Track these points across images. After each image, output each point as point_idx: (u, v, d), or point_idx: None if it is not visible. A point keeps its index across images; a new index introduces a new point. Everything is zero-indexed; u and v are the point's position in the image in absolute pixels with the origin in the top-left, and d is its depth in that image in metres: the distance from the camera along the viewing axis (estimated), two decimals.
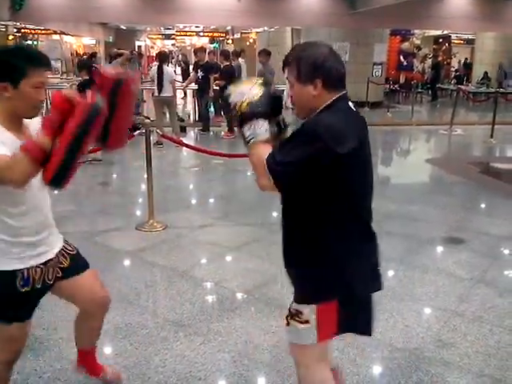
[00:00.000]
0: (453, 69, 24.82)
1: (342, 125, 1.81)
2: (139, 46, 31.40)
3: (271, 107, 1.88)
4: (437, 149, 10.92)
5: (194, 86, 11.44)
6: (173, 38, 30.95)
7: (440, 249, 4.85)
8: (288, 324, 2.04)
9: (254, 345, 3.12)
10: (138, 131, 9.96)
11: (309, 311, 1.95)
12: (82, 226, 5.20)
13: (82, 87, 7.48)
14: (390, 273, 4.19)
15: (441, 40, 25.44)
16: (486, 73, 19.30)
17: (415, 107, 14.76)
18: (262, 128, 1.84)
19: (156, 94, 9.29)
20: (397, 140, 12.06)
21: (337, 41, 14.59)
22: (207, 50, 13.45)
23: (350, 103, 1.96)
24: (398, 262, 4.40)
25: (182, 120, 11.20)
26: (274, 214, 5.41)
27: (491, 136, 10.70)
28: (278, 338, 3.17)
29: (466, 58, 24.16)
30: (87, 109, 1.77)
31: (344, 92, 1.91)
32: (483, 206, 6.51)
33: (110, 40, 26.14)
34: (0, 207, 1.98)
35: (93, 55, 10.62)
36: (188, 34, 27.22)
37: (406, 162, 9.83)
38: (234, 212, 5.82)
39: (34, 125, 2.01)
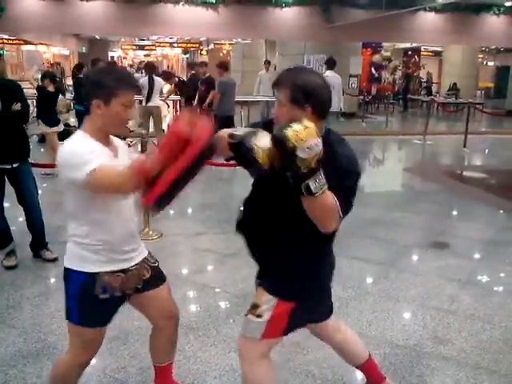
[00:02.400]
0: (422, 80, 25.52)
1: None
2: (112, 57, 31.36)
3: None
4: (413, 158, 11.27)
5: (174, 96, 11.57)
6: (146, 49, 30.99)
7: (426, 253, 5.07)
8: (246, 315, 2.25)
9: None
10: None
11: (265, 308, 2.17)
12: None
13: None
14: (383, 276, 4.40)
15: (410, 52, 26.13)
16: (454, 84, 19.92)
17: (388, 118, 15.20)
18: (323, 178, 1.85)
19: (144, 103, 9.43)
20: (374, 150, 12.40)
21: (311, 53, 14.96)
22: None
23: None
24: (389, 266, 4.61)
25: (163, 130, 11.29)
26: None
27: (464, 145, 11.12)
28: (284, 338, 3.32)
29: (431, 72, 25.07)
30: (203, 149, 1.82)
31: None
32: (461, 212, 6.78)
33: (84, 50, 26.02)
34: (89, 214, 2.11)
35: (80, 66, 10.43)
36: (162, 44, 27.29)
37: (385, 170, 10.13)
38: (225, 220, 5.93)
39: (121, 146, 2.26)
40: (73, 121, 10.74)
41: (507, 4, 15.11)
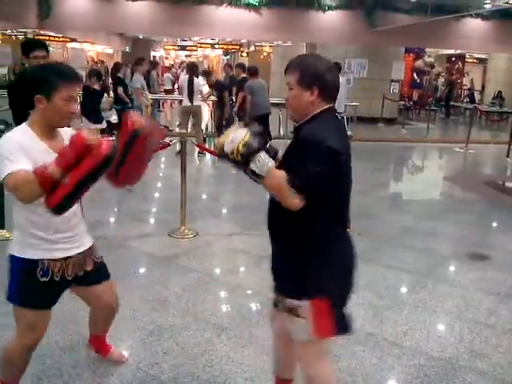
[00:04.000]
0: (465, 87, 24.98)
1: (334, 129, 2.07)
2: (154, 56, 31.80)
3: (262, 140, 2.04)
4: (454, 167, 11.03)
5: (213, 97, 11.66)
6: (188, 50, 31.27)
7: (465, 264, 4.96)
8: (288, 318, 2.21)
9: None
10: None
11: (303, 308, 2.13)
12: (115, 232, 5.38)
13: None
14: (420, 285, 4.33)
15: (454, 58, 25.62)
16: (499, 92, 19.43)
17: (429, 124, 14.93)
18: (266, 159, 2.00)
19: (185, 103, 9.57)
20: (414, 157, 12.21)
21: (353, 57, 14.86)
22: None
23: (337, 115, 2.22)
24: (425, 276, 4.53)
25: (202, 130, 11.38)
26: None
27: (507, 156, 10.83)
28: None
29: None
30: (101, 159, 1.97)
31: (332, 105, 2.16)
32: (501, 223, 6.58)
33: (127, 50, 26.47)
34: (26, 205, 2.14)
35: (118, 66, 10.64)
36: (203, 45, 27.49)
37: (425, 178, 9.93)
38: (260, 222, 5.91)
39: (67, 134, 2.24)
40: (114, 118, 10.92)
41: None
